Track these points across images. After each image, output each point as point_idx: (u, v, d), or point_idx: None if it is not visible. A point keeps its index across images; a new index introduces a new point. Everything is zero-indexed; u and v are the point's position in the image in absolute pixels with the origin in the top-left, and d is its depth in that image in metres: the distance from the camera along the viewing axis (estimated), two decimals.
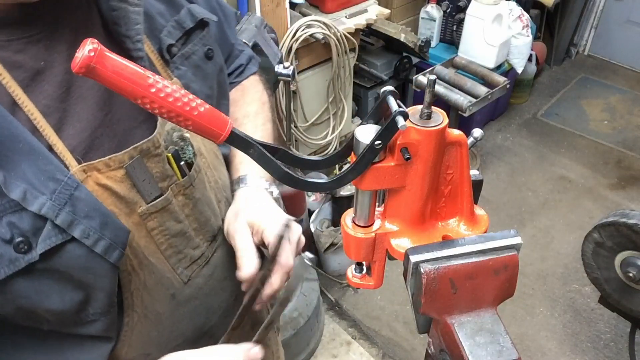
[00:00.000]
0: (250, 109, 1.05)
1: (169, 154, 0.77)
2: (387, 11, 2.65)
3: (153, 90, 0.53)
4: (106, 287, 0.72)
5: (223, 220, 0.92)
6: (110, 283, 0.72)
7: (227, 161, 1.01)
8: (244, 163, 0.98)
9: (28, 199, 0.62)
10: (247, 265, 0.82)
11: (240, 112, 1.04)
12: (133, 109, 0.75)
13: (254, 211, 0.87)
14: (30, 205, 0.62)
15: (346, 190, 2.52)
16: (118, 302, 0.76)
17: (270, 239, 0.82)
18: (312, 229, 2.58)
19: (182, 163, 0.79)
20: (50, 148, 0.66)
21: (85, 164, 0.68)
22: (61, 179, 0.64)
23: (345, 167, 0.63)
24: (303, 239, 0.89)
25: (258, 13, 2.06)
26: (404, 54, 2.92)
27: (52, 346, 0.76)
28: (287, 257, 0.81)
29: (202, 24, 0.86)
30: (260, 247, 0.86)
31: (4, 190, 0.61)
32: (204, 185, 0.85)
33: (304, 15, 2.36)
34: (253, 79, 1.11)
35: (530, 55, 3.40)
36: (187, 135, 0.81)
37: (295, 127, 2.51)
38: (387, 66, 2.89)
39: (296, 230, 0.86)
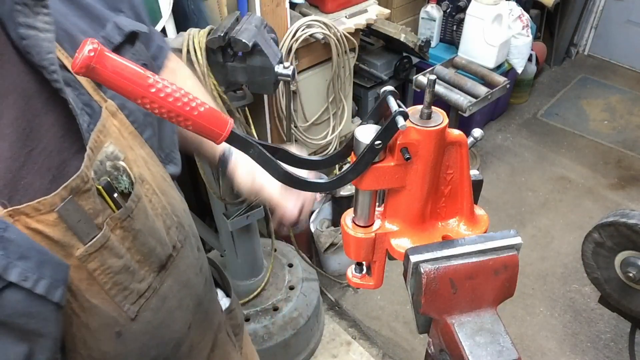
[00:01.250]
0: (187, 86, 1.02)
1: (100, 186, 0.71)
2: (387, 11, 2.65)
3: (153, 90, 0.53)
4: (52, 331, 0.65)
5: (174, 247, 0.87)
6: (56, 326, 0.66)
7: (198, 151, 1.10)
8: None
9: None
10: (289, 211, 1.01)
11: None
12: (64, 140, 0.68)
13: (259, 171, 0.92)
14: None
15: (346, 190, 2.52)
16: (61, 347, 0.70)
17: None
18: (312, 229, 2.58)
19: (115, 195, 0.73)
20: None
21: (10, 208, 0.61)
22: None
23: (345, 167, 0.63)
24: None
25: (258, 13, 2.06)
26: (404, 54, 2.92)
27: None
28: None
29: (131, 38, 0.79)
30: None
31: None
32: (145, 215, 0.79)
33: (304, 15, 2.36)
34: (174, 58, 1.06)
35: (530, 55, 3.41)
36: (122, 164, 0.74)
37: (295, 127, 2.51)
38: (387, 66, 2.89)
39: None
